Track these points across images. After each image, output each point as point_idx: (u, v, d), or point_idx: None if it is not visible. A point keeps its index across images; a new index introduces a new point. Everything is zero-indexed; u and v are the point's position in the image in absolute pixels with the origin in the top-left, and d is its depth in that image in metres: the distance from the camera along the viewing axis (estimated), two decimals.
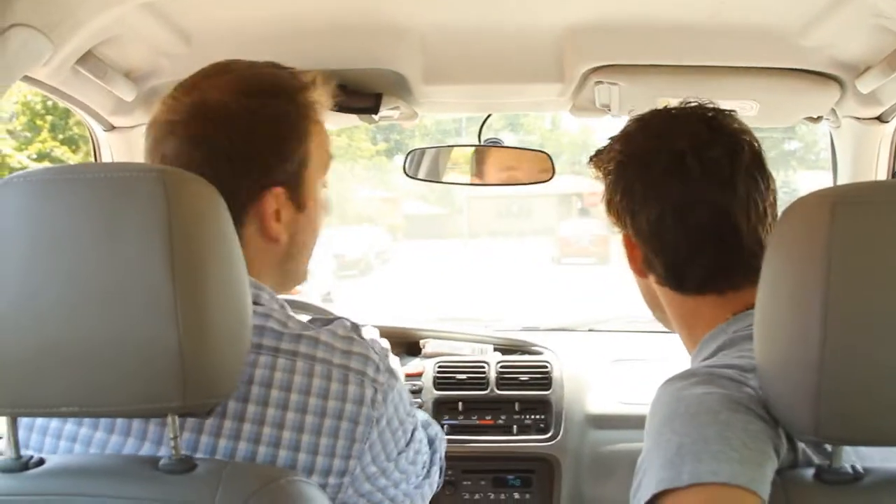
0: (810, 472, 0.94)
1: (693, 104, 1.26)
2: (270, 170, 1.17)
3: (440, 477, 1.36)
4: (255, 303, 1.11)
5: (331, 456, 1.05)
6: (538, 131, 15.84)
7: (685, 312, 1.25)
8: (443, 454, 1.37)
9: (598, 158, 1.32)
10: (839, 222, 0.85)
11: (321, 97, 1.22)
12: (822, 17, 1.48)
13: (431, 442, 1.33)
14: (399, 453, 1.15)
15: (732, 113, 1.25)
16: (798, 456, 0.97)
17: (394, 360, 1.20)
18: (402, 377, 1.22)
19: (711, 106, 1.25)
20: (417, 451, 1.22)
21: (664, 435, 0.96)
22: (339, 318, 1.17)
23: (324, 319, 1.17)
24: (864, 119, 1.85)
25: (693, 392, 0.99)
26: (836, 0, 1.39)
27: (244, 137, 1.14)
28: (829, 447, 0.94)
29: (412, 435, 1.20)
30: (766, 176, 1.21)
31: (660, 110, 1.30)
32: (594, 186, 1.35)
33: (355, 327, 1.16)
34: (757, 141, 1.23)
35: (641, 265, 1.27)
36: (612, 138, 1.31)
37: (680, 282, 1.23)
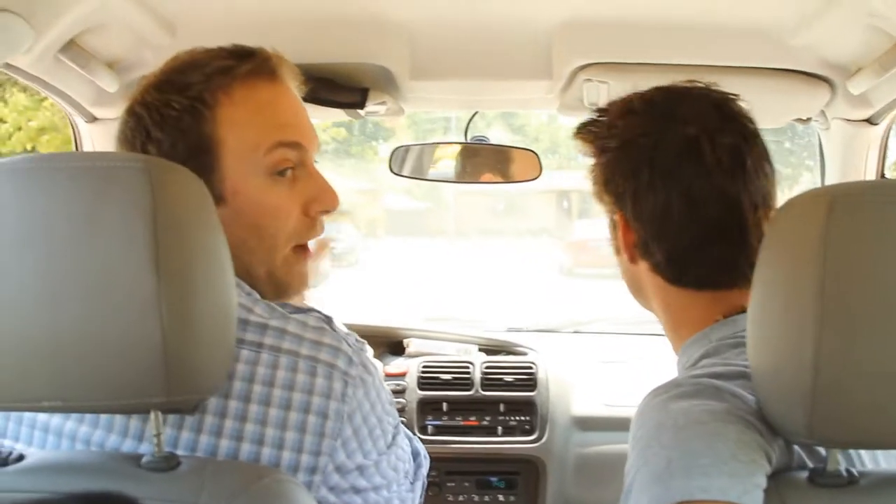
0: (804, 474, 0.92)
1: (700, 85, 1.19)
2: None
3: (422, 494, 1.32)
4: None
5: (297, 451, 1.01)
6: (533, 127, 14.83)
7: (675, 307, 1.20)
8: (426, 472, 1.33)
9: (591, 133, 1.23)
10: (835, 221, 0.84)
11: (246, 68, 1.12)
12: (815, 17, 1.47)
13: (417, 455, 1.30)
14: (380, 454, 1.10)
15: (738, 99, 1.19)
16: (793, 458, 0.96)
17: (370, 355, 1.16)
18: (380, 373, 1.18)
19: (717, 89, 1.19)
20: (399, 457, 1.17)
21: (652, 448, 0.94)
22: (312, 308, 1.13)
23: (294, 307, 1.12)
24: (853, 121, 1.83)
25: (680, 404, 0.97)
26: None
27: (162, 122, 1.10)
28: (822, 450, 0.92)
29: (394, 439, 1.15)
30: (773, 168, 1.16)
31: (663, 88, 1.21)
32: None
33: (328, 319, 1.11)
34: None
35: (634, 250, 1.19)
36: (604, 112, 1.23)
37: (679, 275, 1.16)
